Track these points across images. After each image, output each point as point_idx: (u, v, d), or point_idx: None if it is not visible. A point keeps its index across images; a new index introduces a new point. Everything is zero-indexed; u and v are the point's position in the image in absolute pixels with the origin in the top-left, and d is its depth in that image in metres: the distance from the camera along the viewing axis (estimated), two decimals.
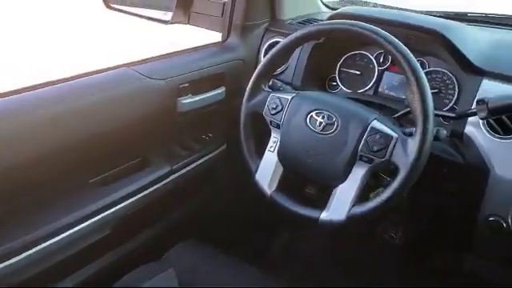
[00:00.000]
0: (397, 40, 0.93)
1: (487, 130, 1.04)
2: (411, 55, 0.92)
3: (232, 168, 1.48)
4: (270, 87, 1.11)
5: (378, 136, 0.93)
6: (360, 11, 1.23)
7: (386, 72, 1.28)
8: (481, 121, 1.04)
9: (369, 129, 0.94)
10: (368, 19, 1.05)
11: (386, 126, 0.95)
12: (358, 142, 0.95)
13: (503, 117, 0.98)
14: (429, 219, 1.28)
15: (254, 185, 1.08)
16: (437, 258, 1.46)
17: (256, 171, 1.08)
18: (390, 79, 1.27)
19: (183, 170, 1.27)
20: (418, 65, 0.91)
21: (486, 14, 1.45)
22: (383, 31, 0.94)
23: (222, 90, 1.33)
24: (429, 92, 0.90)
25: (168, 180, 1.22)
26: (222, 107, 1.36)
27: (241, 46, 1.38)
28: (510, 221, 1.02)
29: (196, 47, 1.33)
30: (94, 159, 1.06)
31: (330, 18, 1.24)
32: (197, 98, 1.25)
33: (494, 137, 1.03)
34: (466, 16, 1.47)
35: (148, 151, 1.20)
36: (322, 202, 1.01)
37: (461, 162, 1.09)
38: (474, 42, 1.15)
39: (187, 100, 1.22)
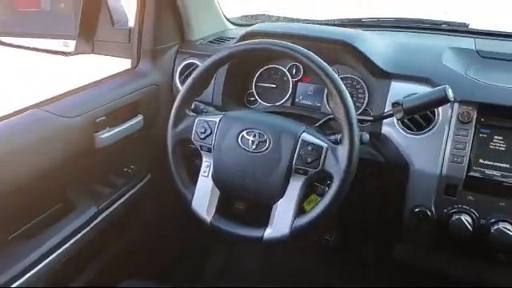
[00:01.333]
0: (315, 56, 0.97)
1: (402, 129, 1.13)
2: (330, 69, 0.96)
3: (159, 198, 1.43)
4: (193, 111, 1.10)
5: (309, 148, 0.96)
6: (272, 28, 1.26)
7: (299, 83, 1.32)
8: (395, 121, 1.12)
9: (300, 142, 0.97)
10: (283, 36, 1.09)
11: (315, 136, 0.98)
12: (292, 155, 0.97)
13: (415, 115, 1.06)
14: (359, 217, 1.35)
15: (192, 213, 1.05)
16: (369, 250, 1.55)
17: (192, 199, 1.06)
18: (305, 89, 1.32)
19: (110, 209, 1.20)
20: (337, 77, 0.96)
21: (378, 18, 1.57)
22: (302, 48, 0.97)
23: (139, 118, 1.28)
24: (351, 102, 0.95)
25: (96, 221, 1.14)
26: (142, 136, 1.31)
27: (153, 71, 1.34)
28: (433, 209, 1.10)
29: (107, 77, 1.26)
30: (11, 213, 0.95)
31: (244, 36, 1.25)
32: (115, 131, 1.19)
33: (409, 134, 1.12)
34: (361, 22, 1.58)
35: (71, 194, 1.12)
36: (253, 217, 1.02)
37: (382, 160, 1.16)
38: (378, 47, 1.24)
39: (105, 134, 1.16)
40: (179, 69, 1.37)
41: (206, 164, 1.06)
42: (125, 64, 1.35)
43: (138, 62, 1.33)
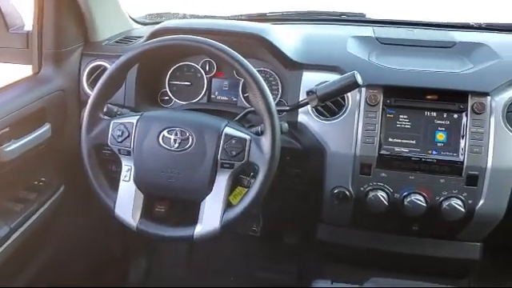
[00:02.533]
0: (231, 50, 0.98)
1: (317, 116, 1.18)
2: (247, 62, 0.98)
3: (77, 209, 1.35)
4: (106, 114, 1.05)
5: (233, 141, 0.97)
6: (183, 24, 1.25)
7: (213, 79, 1.33)
8: (310, 109, 1.16)
9: (223, 136, 0.97)
10: (194, 31, 1.08)
11: (238, 130, 0.99)
12: (217, 150, 0.97)
13: (328, 102, 1.12)
14: (282, 204, 1.38)
15: (116, 220, 1.01)
16: (294, 235, 1.60)
17: (114, 206, 1.02)
18: (219, 85, 1.33)
19: (24, 226, 1.11)
20: (254, 70, 0.98)
21: (283, 12, 1.62)
22: (217, 43, 0.98)
23: (46, 127, 1.20)
24: (269, 92, 0.97)
25: (10, 241, 1.05)
26: (51, 145, 1.23)
27: (58, 76, 1.26)
28: (351, 189, 1.17)
29: (6, 86, 1.16)
30: None
31: (154, 34, 1.22)
32: (20, 142, 1.11)
33: (323, 120, 1.17)
34: (266, 16, 1.62)
35: None
36: (179, 217, 1.01)
37: (300, 147, 1.21)
38: (288, 39, 1.28)
39: (10, 147, 1.07)
40: (86, 72, 1.30)
41: (127, 168, 1.02)
42: (26, 71, 1.25)
43: (40, 67, 1.25)
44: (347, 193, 1.17)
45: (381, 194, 1.14)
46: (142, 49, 1.00)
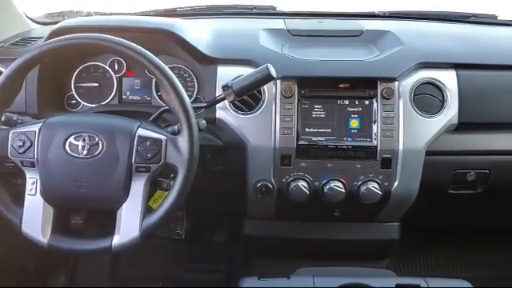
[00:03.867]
0: (139, 47, 0.93)
1: (234, 111, 1.16)
2: (157, 59, 0.93)
3: None
4: (4, 124, 0.96)
5: (148, 143, 0.92)
6: (87, 22, 1.17)
7: (124, 78, 1.26)
8: (227, 103, 1.14)
9: (136, 138, 0.92)
10: (100, 29, 1.01)
11: (152, 130, 0.95)
12: (130, 154, 0.92)
13: (245, 96, 1.10)
14: (207, 203, 1.36)
15: (24, 238, 0.93)
16: (221, 232, 1.58)
17: (21, 223, 0.93)
18: (131, 84, 1.26)
19: None
20: (165, 66, 0.93)
21: (193, 6, 1.58)
22: (124, 40, 0.92)
23: None
24: (182, 88, 0.94)
25: None
26: None
27: None
28: (273, 181, 1.17)
29: None
30: None
31: (54, 33, 1.13)
32: None
33: (242, 115, 1.16)
34: (176, 11, 1.57)
35: None
36: (95, 229, 0.95)
37: (220, 144, 1.19)
38: (200, 34, 1.25)
39: None
40: None
41: (32, 181, 0.94)
42: None
43: None
44: (270, 185, 1.17)
45: (302, 184, 1.15)
46: (40, 50, 0.92)
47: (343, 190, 1.15)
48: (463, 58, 1.22)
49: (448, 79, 1.19)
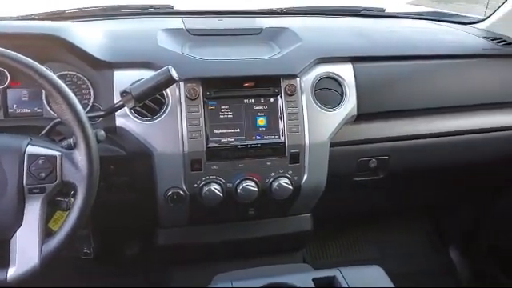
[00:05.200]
0: (20, 55, 0.83)
1: (136, 117, 1.10)
2: (42, 68, 0.85)
3: None
4: None
5: (40, 161, 0.84)
6: None
7: (8, 90, 1.13)
8: (128, 110, 1.08)
9: (26, 157, 0.84)
10: None
11: (44, 147, 0.86)
12: (21, 175, 0.83)
13: (147, 101, 1.05)
14: (115, 217, 1.28)
15: None
16: (134, 246, 1.50)
17: None
18: (17, 96, 1.14)
19: None
20: (54, 76, 0.85)
21: (84, 8, 1.47)
22: (2, 49, 0.82)
23: None
24: (76, 100, 0.87)
25: None
26: None
27: None
28: (185, 187, 1.13)
29: None
30: None
31: None
32: None
33: (145, 121, 1.10)
34: (65, 13, 1.45)
35: None
36: None
37: (124, 154, 1.12)
38: (91, 37, 1.16)
39: None
40: None
41: None
42: None
43: None
44: (181, 192, 1.13)
45: (214, 187, 1.13)
46: None
47: (256, 189, 1.15)
48: (358, 52, 1.28)
49: (345, 73, 1.23)
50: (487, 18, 1.61)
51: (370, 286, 0.88)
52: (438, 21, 1.69)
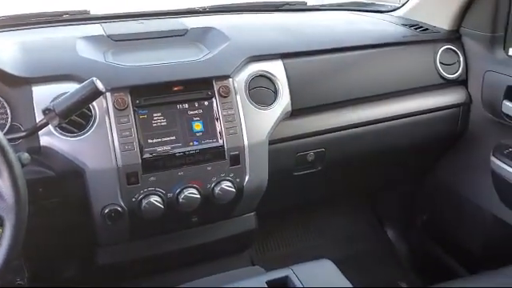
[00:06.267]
0: None
1: (63, 134, 1.02)
2: None
3: None
4: None
5: None
6: None
7: None
8: (52, 128, 1.00)
9: None
10: None
11: None
12: None
13: (73, 116, 0.97)
14: (50, 240, 1.19)
15: None
16: (72, 268, 1.41)
17: None
18: None
19: None
20: None
21: None
22: None
23: None
24: None
25: None
26: None
27: None
28: (123, 203, 1.07)
29: None
30: None
31: None
32: None
33: (72, 138, 1.03)
34: None
35: None
36: None
37: (52, 174, 1.04)
38: (2, 51, 1.07)
39: None
40: None
41: None
42: None
43: None
44: (119, 208, 1.07)
45: (154, 199, 1.08)
46: None
47: (198, 196, 1.12)
48: (287, 48, 1.28)
49: (277, 70, 1.23)
50: (403, 5, 1.68)
51: (322, 283, 0.89)
52: (358, 11, 1.75)
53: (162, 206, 1.09)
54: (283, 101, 1.23)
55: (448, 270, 1.72)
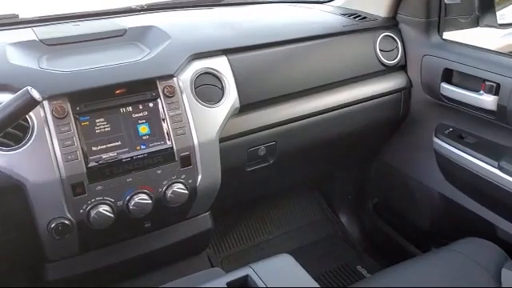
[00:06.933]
0: None
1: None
2: None
3: None
4: None
5: None
6: None
7: None
8: None
9: None
10: None
11: None
12: None
13: (9, 129, 0.91)
14: None
15: None
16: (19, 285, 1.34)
17: None
18: None
19: None
20: None
21: None
22: None
23: None
24: None
25: None
26: None
27: None
28: (70, 216, 1.02)
29: None
30: None
31: None
32: None
33: (9, 151, 0.97)
34: None
35: None
36: None
37: None
38: None
39: None
40: None
41: None
42: None
43: None
44: (67, 222, 1.02)
45: (104, 209, 1.04)
46: None
47: (150, 201, 1.09)
48: (230, 43, 1.26)
49: (222, 66, 1.22)
50: None
51: (283, 279, 0.89)
52: (297, 2, 1.76)
53: (112, 215, 1.05)
54: (231, 97, 1.21)
55: (401, 250, 1.78)
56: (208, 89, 1.18)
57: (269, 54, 1.31)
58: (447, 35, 1.50)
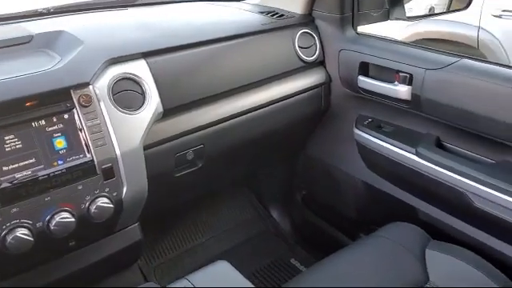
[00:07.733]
0: None
1: None
2: None
3: None
4: None
5: None
6: None
7: None
8: None
9: None
10: None
11: None
12: None
13: None
14: None
15: None
16: None
17: None
18: None
19: None
20: None
21: None
22: None
23: None
24: None
25: None
26: None
27: None
28: None
29: None
30: None
31: None
32: None
33: None
34: None
35: None
36: None
37: None
38: None
39: None
40: None
41: None
42: None
43: None
44: None
45: (21, 233, 0.95)
46: None
47: (72, 219, 1.02)
48: (148, 46, 1.21)
49: (141, 70, 1.16)
50: None
51: (222, 286, 0.87)
52: (214, 0, 1.73)
53: (32, 238, 0.97)
54: (152, 102, 1.16)
55: (331, 239, 1.84)
56: (127, 95, 1.13)
57: (189, 55, 1.28)
58: (361, 29, 1.56)
